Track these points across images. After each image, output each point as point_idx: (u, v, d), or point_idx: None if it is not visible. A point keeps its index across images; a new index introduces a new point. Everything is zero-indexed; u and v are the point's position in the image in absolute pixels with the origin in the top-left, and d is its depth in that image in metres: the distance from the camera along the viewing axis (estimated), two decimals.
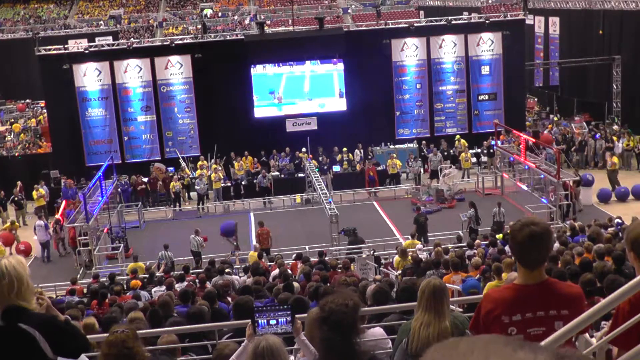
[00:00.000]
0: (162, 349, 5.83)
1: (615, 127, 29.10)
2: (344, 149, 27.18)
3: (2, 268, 3.55)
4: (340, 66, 27.94)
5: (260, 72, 27.89)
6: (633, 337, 3.20)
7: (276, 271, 14.49)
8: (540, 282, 3.53)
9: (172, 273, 16.03)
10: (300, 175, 26.48)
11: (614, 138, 27.56)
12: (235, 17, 53.37)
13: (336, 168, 26.86)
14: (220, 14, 53.95)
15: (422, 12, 45.53)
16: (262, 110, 28.04)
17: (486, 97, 29.29)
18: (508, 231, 17.32)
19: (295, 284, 11.31)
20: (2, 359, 3.54)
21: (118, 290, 12.85)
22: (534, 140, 24.92)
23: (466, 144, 27.80)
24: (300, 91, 28.22)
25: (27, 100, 44.55)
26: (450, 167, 26.20)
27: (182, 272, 15.23)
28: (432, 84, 28.94)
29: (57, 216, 22.95)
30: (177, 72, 28.01)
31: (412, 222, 20.21)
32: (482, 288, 9.84)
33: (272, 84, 28.08)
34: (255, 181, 26.37)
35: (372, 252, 17.70)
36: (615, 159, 24.93)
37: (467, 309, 7.32)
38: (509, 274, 7.24)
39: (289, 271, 14.00)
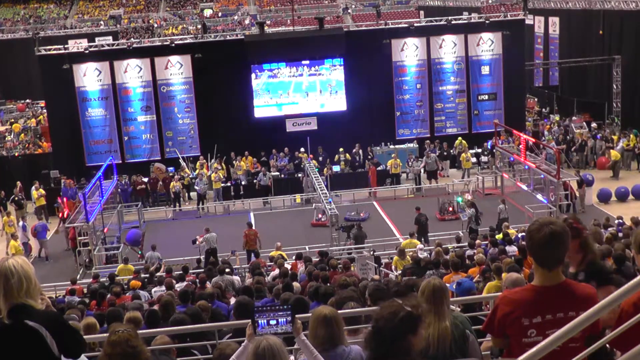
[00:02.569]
0: (160, 349, 5.83)
1: (594, 124, 29.27)
2: (341, 150, 27.18)
3: (10, 267, 3.58)
4: (337, 67, 28.00)
5: (265, 81, 27.97)
6: (635, 338, 3.20)
7: (276, 271, 14.49)
8: (559, 283, 3.52)
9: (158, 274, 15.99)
10: (300, 175, 26.49)
11: (614, 138, 27.60)
12: (235, 17, 53.36)
13: (336, 168, 26.86)
14: (220, 14, 53.95)
15: (422, 12, 45.58)
16: (262, 110, 28.05)
17: (486, 97, 29.30)
18: (508, 231, 17.34)
19: (296, 284, 11.31)
20: (10, 356, 3.55)
21: (117, 292, 12.83)
22: (534, 140, 24.94)
23: (466, 145, 27.86)
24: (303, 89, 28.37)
25: (27, 100, 44.53)
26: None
27: (182, 272, 15.23)
28: (432, 84, 28.95)
29: (67, 212, 22.92)
30: (177, 72, 28.01)
31: (414, 222, 20.23)
32: (480, 288, 9.84)
33: (279, 87, 28.12)
34: (255, 180, 26.39)
35: (372, 252, 17.72)
36: (615, 152, 25.37)
37: (463, 309, 7.29)
38: (507, 275, 7.22)
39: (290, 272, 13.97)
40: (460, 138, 28.21)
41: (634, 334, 3.16)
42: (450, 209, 22.71)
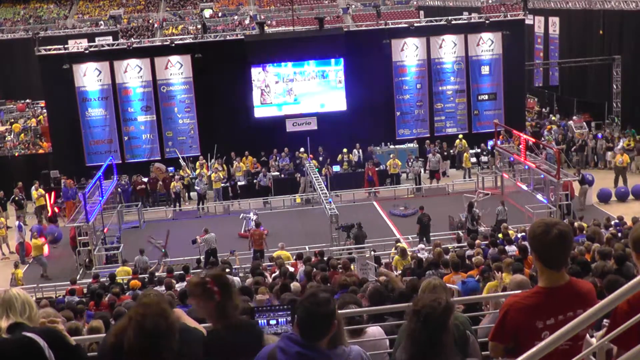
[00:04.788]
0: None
1: (578, 124, 29.25)
2: (345, 150, 27.19)
3: (15, 294, 3.78)
4: (337, 67, 28.02)
5: (265, 81, 27.95)
6: (632, 336, 3.20)
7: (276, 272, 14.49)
8: (566, 283, 3.54)
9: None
10: (298, 175, 26.47)
11: (614, 138, 27.60)
12: (235, 17, 53.36)
13: (336, 168, 26.87)
14: (220, 14, 53.94)
15: (422, 12, 45.53)
16: (262, 110, 28.05)
17: (486, 97, 29.30)
18: (509, 231, 17.33)
19: (296, 284, 11.31)
20: None
21: (117, 292, 12.82)
22: (534, 140, 24.94)
23: (466, 144, 27.93)
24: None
25: (27, 100, 44.52)
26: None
27: (182, 272, 15.23)
28: (432, 84, 28.95)
29: (56, 210, 22.91)
30: (177, 72, 28.00)
31: (416, 222, 20.21)
32: (481, 288, 9.83)
33: (279, 87, 28.15)
34: (255, 180, 26.38)
35: (372, 252, 17.71)
36: (626, 157, 25.05)
37: (466, 309, 7.30)
38: (512, 278, 7.18)
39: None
40: (460, 136, 28.25)
41: (631, 331, 3.17)
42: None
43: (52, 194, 24.45)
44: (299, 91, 28.20)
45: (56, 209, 23.44)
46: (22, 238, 21.75)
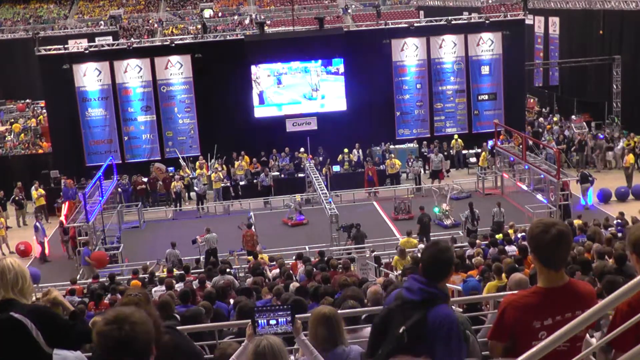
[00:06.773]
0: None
1: (578, 124, 29.17)
2: (345, 150, 27.19)
3: (8, 264, 3.74)
4: (337, 67, 28.02)
5: (265, 81, 27.97)
6: (630, 338, 3.20)
7: (277, 271, 14.51)
8: (565, 283, 3.53)
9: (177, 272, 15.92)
10: (300, 175, 26.49)
11: (614, 138, 27.59)
12: (235, 17, 53.38)
13: (336, 168, 26.86)
14: (220, 14, 53.95)
15: (422, 12, 45.56)
16: (262, 110, 28.05)
17: (486, 97, 29.30)
18: (509, 231, 17.33)
19: (295, 284, 11.31)
20: None
21: (121, 290, 12.81)
22: (533, 140, 24.96)
23: (462, 144, 27.96)
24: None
25: (27, 100, 44.55)
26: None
27: (182, 272, 15.23)
28: (432, 84, 28.95)
29: (61, 218, 22.82)
30: (177, 72, 28.01)
31: (416, 222, 20.22)
32: (481, 288, 9.84)
33: (279, 87, 28.21)
34: (255, 180, 26.37)
35: (371, 252, 17.72)
36: (629, 158, 24.99)
37: (467, 309, 7.32)
38: (511, 276, 7.19)
39: (290, 271, 14.00)
40: (456, 137, 28.27)
41: (628, 332, 3.17)
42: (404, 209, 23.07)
43: (67, 204, 23.52)
44: (299, 91, 28.17)
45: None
46: (41, 238, 21.69)
